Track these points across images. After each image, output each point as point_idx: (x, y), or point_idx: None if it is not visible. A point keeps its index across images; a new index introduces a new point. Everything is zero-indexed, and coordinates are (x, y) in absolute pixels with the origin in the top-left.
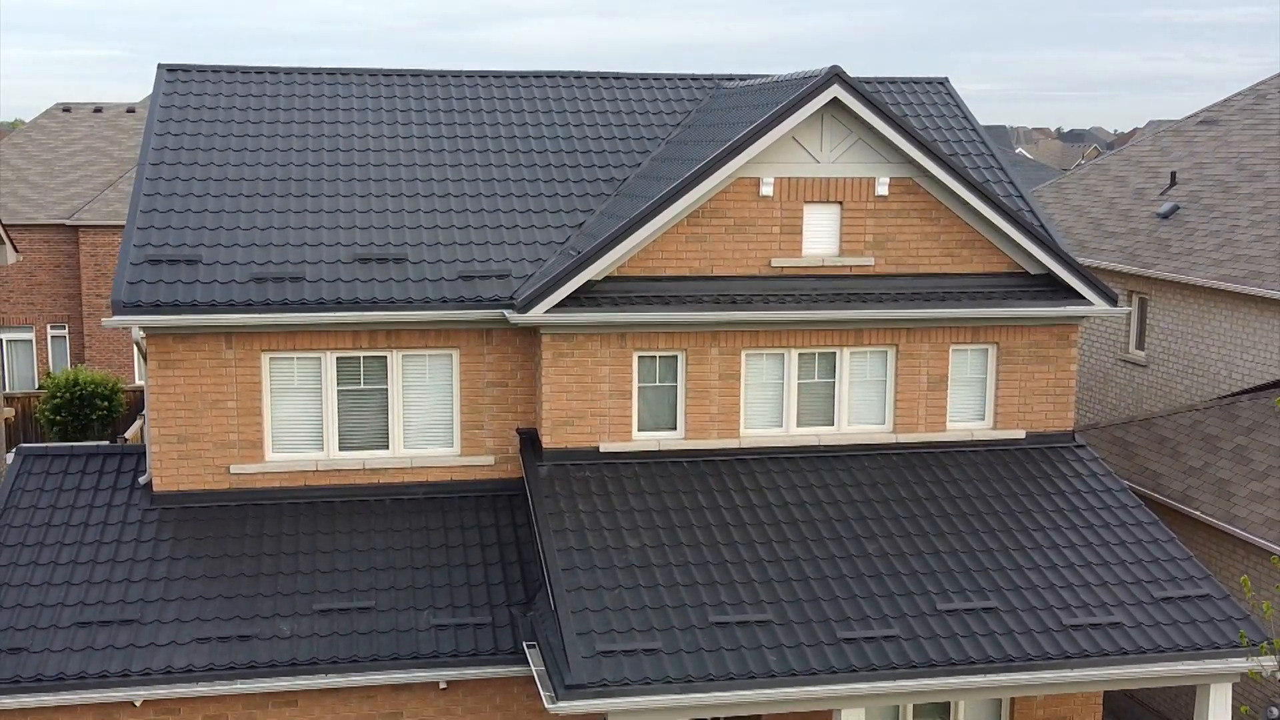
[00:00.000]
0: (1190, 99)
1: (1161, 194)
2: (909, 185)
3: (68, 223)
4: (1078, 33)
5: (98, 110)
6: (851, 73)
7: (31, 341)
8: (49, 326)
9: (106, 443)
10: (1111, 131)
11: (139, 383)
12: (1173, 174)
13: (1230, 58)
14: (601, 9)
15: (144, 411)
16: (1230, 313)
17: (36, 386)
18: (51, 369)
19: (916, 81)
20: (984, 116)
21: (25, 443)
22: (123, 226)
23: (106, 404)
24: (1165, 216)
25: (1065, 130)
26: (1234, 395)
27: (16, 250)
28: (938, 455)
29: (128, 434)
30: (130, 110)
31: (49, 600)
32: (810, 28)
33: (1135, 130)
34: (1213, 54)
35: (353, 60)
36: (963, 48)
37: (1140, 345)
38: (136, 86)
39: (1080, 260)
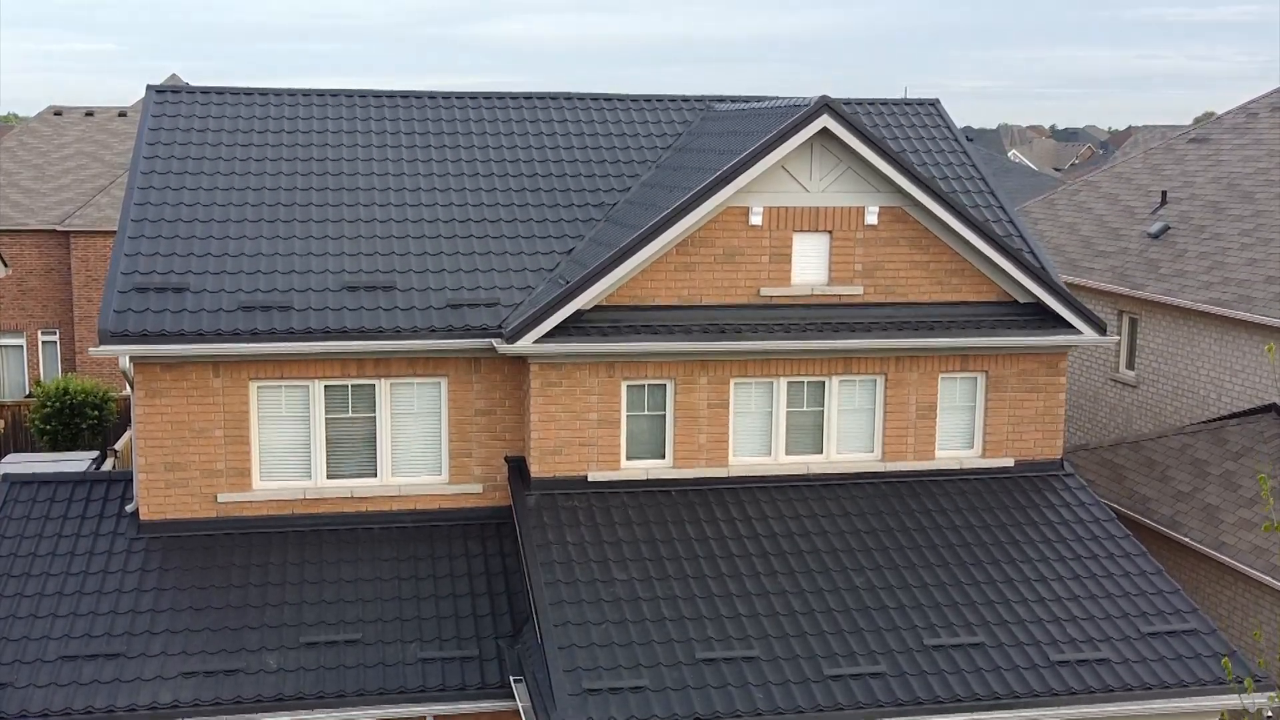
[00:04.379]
0: (1184, 97)
1: (1152, 213)
2: (898, 214)
3: (59, 228)
4: (1072, 30)
5: (89, 114)
6: (846, 70)
7: (23, 347)
8: (40, 332)
9: (95, 452)
10: (1106, 130)
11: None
12: (1163, 193)
13: (1223, 56)
14: (597, 5)
15: (134, 426)
16: (1220, 336)
17: (26, 393)
18: (43, 375)
19: (907, 103)
20: (979, 115)
21: (15, 451)
22: (114, 233)
23: (97, 413)
24: (1156, 236)
25: (1060, 128)
26: (1222, 419)
27: (6, 264)
28: (926, 484)
29: (117, 445)
30: (122, 114)
31: (34, 633)
32: (805, 25)
33: (1130, 128)
34: (1206, 52)
35: (345, 54)
36: (958, 45)
37: (1130, 365)
38: (129, 80)
39: (1071, 279)
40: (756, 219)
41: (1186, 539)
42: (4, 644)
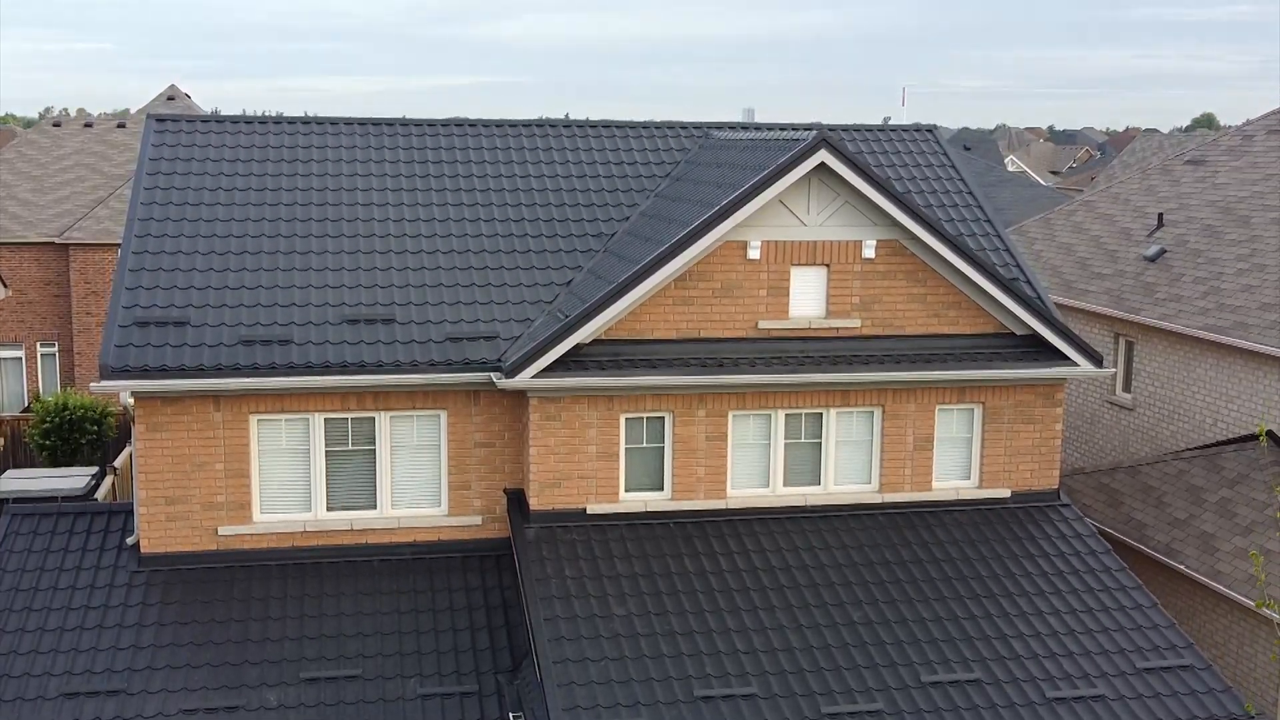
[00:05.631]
0: (1182, 97)
1: (1148, 236)
2: (895, 247)
3: (58, 241)
4: (1072, 30)
5: (88, 125)
6: (845, 71)
7: (21, 359)
8: (39, 344)
9: (94, 468)
10: (1104, 131)
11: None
12: (1160, 215)
13: (1221, 55)
14: (598, 5)
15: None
16: (1216, 362)
17: (25, 405)
18: (41, 387)
19: (904, 129)
20: (977, 116)
21: (15, 467)
22: (113, 245)
23: (96, 429)
24: (1152, 259)
25: (1058, 130)
26: (1218, 444)
27: (6, 286)
28: (924, 515)
29: (117, 462)
30: (121, 125)
31: (35, 669)
32: (803, 25)
33: (1128, 129)
34: (1203, 52)
35: (345, 54)
36: (958, 45)
37: (1127, 388)
38: (128, 80)
39: (1067, 301)
40: (754, 253)
41: (1182, 566)
42: (6, 681)
